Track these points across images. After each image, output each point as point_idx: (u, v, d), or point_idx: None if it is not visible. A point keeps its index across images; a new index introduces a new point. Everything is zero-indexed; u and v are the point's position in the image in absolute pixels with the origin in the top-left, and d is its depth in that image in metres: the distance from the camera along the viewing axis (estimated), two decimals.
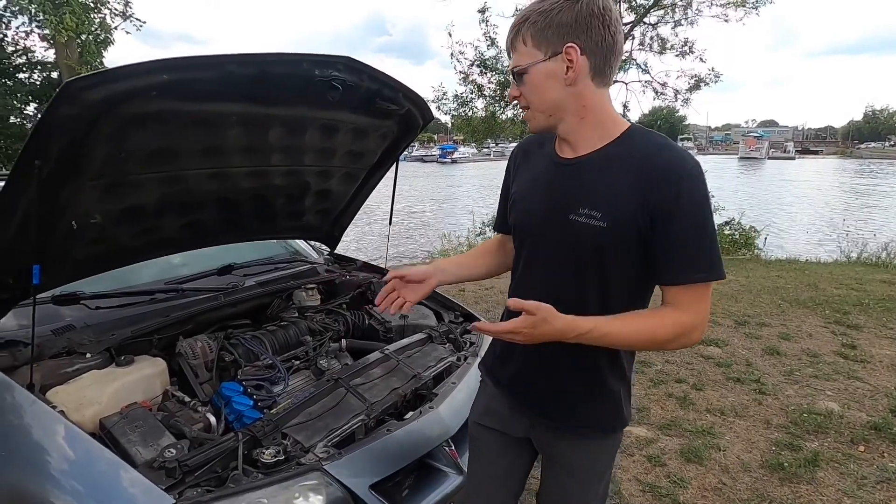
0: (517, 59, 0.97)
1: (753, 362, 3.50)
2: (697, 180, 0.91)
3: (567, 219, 0.98)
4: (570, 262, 1.00)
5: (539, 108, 0.98)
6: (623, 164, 0.95)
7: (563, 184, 1.01)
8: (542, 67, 0.94)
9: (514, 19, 0.98)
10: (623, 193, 0.93)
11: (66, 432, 1.17)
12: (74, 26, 8.45)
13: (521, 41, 0.96)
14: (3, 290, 1.39)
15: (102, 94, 1.09)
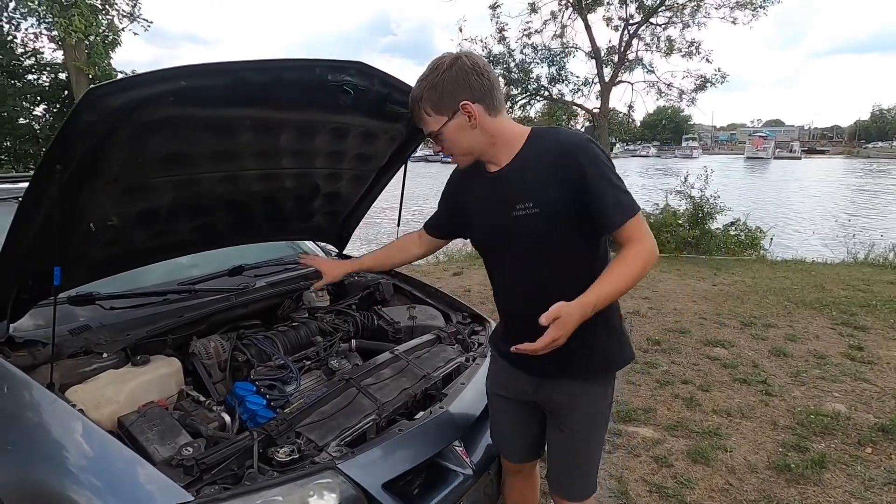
0: (429, 126, 1.22)
1: (760, 363, 3.50)
2: (590, 147, 1.16)
3: (511, 217, 1.21)
4: (528, 251, 1.23)
5: (461, 153, 1.25)
6: (534, 161, 1.20)
7: (499, 192, 1.25)
8: (450, 126, 1.20)
9: (410, 101, 1.24)
10: (542, 181, 1.17)
11: (86, 430, 1.19)
12: (83, 28, 8.52)
13: (425, 113, 1.21)
14: (24, 290, 1.42)
15: (122, 101, 1.12)
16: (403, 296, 2.41)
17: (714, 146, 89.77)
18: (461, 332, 2.03)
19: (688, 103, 10.79)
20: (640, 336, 4.05)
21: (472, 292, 5.39)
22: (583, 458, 1.37)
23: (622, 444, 2.54)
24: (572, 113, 11.97)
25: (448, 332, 1.99)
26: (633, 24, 10.46)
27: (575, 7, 10.46)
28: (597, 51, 10.63)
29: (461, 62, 1.16)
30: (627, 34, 10.52)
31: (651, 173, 35.31)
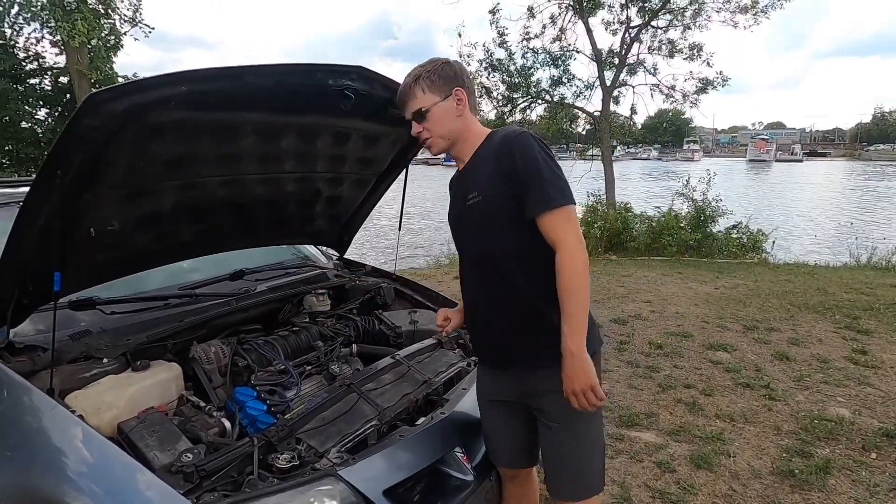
0: (419, 102, 1.32)
1: (763, 368, 3.49)
2: (525, 138, 1.25)
3: (466, 207, 1.33)
4: (475, 237, 1.34)
5: (440, 136, 1.34)
6: (484, 156, 1.32)
7: (461, 186, 1.38)
8: (441, 106, 1.31)
9: (405, 80, 1.35)
10: (486, 173, 1.29)
11: (85, 436, 1.19)
12: (86, 32, 8.54)
13: (420, 90, 1.32)
14: (24, 295, 1.42)
15: (123, 106, 1.12)
16: (405, 300, 2.40)
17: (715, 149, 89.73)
18: (462, 337, 2.02)
19: (690, 105, 10.81)
20: (642, 340, 4.04)
21: None
22: (574, 453, 1.34)
23: (624, 449, 2.52)
24: (573, 116, 11.99)
25: (449, 337, 1.98)
26: (633, 27, 10.49)
27: (575, 10, 10.48)
28: (598, 54, 10.65)
29: (456, 62, 1.36)
30: (629, 37, 10.55)
31: (652, 176, 35.30)
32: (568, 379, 1.20)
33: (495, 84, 10.95)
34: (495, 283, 1.32)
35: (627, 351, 3.82)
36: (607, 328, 4.32)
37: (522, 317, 1.30)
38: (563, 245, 1.21)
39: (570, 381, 1.20)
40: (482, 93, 10.93)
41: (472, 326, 1.47)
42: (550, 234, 1.22)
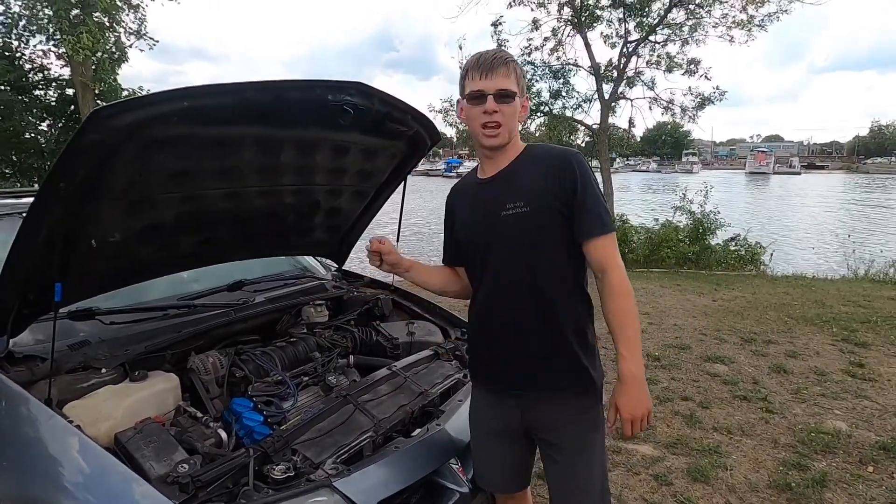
0: (510, 83, 1.22)
1: (760, 380, 3.49)
2: (582, 160, 1.25)
3: (500, 217, 1.25)
4: (512, 250, 1.26)
5: (508, 129, 1.26)
6: (531, 166, 1.27)
7: (490, 195, 1.30)
8: (519, 101, 1.26)
9: (496, 53, 1.25)
10: (537, 183, 1.23)
11: (82, 446, 1.19)
12: (91, 45, 8.65)
13: (513, 72, 1.23)
14: (24, 305, 1.43)
15: (127, 121, 1.14)
16: (402, 311, 2.42)
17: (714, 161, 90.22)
18: (459, 348, 2.03)
19: (689, 120, 10.90)
20: None
21: None
22: (585, 480, 1.30)
23: (621, 461, 2.52)
24: (572, 128, 12.08)
25: (446, 348, 1.99)
26: (631, 41, 10.62)
27: (574, 25, 10.62)
28: (596, 67, 10.77)
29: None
30: (627, 51, 10.68)
31: (652, 189, 35.44)
32: (629, 405, 1.18)
33: None
34: (527, 303, 1.25)
35: None
36: (605, 340, 4.31)
37: (551, 342, 1.25)
38: (614, 267, 1.21)
39: (633, 406, 1.18)
40: None
41: (483, 347, 1.38)
42: (601, 257, 1.22)
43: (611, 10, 10.55)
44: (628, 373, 1.18)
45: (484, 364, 1.39)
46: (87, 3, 8.92)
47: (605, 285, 1.22)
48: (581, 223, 1.21)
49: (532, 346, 1.27)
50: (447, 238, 1.50)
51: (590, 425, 1.32)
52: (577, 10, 10.38)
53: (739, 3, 9.60)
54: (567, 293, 1.26)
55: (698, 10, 9.95)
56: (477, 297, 1.37)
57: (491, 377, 1.38)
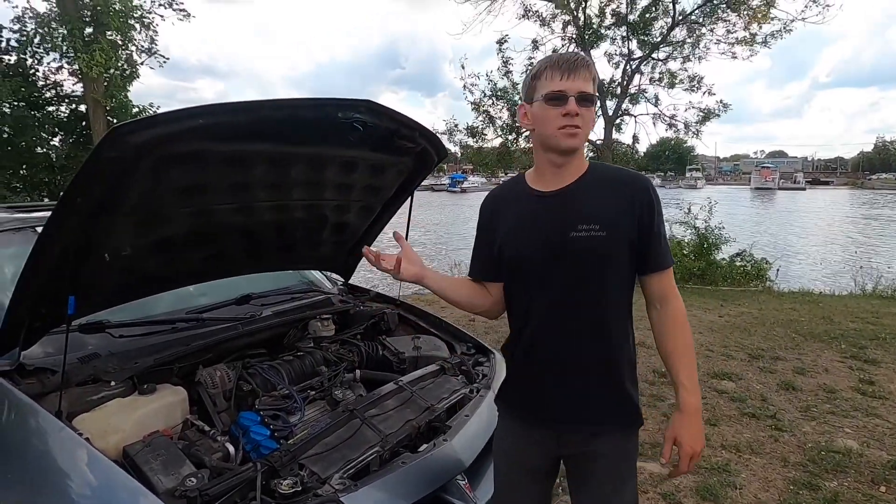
0: (591, 87, 1.15)
1: (769, 397, 3.45)
2: (654, 188, 1.19)
3: (568, 237, 1.15)
4: (579, 276, 1.16)
5: (585, 133, 1.17)
6: (602, 186, 1.19)
7: (556, 210, 1.19)
8: (595, 107, 1.18)
9: (579, 54, 1.19)
10: (612, 207, 1.16)
11: (91, 459, 1.20)
12: (103, 62, 8.84)
13: (594, 76, 1.16)
14: (36, 318, 1.45)
15: (144, 138, 1.17)
16: (408, 325, 2.42)
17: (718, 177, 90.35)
18: (465, 363, 2.03)
19: (693, 135, 10.95)
20: (646, 368, 4.01)
21: (477, 322, 5.38)
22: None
23: None
24: None
25: (452, 363, 1.99)
26: (635, 59, 10.75)
27: (577, 43, 10.76)
28: (599, 85, 10.88)
29: None
30: (630, 68, 10.80)
31: None
32: (692, 438, 1.14)
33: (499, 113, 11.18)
34: (587, 334, 1.18)
35: None
36: None
37: (608, 377, 1.20)
38: (676, 298, 1.19)
39: (694, 440, 1.14)
40: (486, 121, 11.16)
41: (526, 376, 1.27)
42: (664, 288, 1.20)
43: (614, 28, 10.70)
44: (691, 405, 1.14)
45: (524, 394, 1.27)
46: (100, 21, 9.14)
47: (665, 316, 1.19)
48: (651, 254, 1.17)
49: (587, 381, 1.20)
50: (482, 250, 1.33)
51: (629, 455, 1.27)
52: (581, 29, 10.53)
53: (741, 21, 9.70)
54: (623, 325, 1.21)
55: (700, 27, 10.07)
56: (525, 321, 1.24)
57: (530, 408, 1.26)
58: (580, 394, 1.20)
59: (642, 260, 1.18)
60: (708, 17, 9.98)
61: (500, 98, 10.88)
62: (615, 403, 1.22)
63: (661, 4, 10.21)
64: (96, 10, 8.99)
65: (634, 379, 1.25)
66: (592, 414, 1.21)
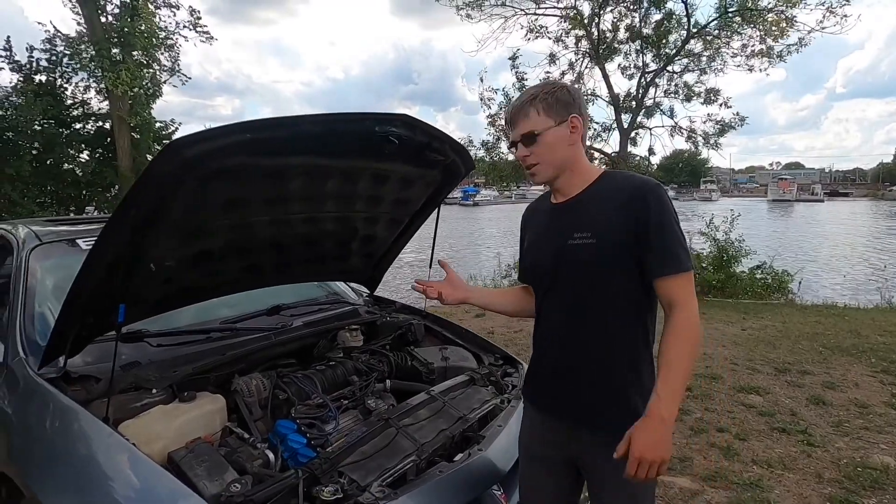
0: (531, 124, 1.21)
1: (798, 412, 3.38)
2: (661, 192, 1.17)
3: (566, 245, 1.22)
4: (576, 281, 1.22)
5: (549, 163, 1.24)
6: (604, 196, 1.22)
7: (561, 221, 1.27)
8: (554, 131, 1.21)
9: (520, 98, 1.25)
10: (607, 214, 1.18)
11: (141, 465, 1.23)
12: (129, 81, 9.12)
13: (535, 111, 1.21)
14: (84, 327, 1.50)
15: (196, 152, 1.22)
16: (434, 337, 2.43)
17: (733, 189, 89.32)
18: (494, 374, 2.03)
19: (712, 147, 10.90)
20: None
21: (496, 334, 5.37)
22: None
23: (659, 494, 2.44)
24: (589, 157, 12.16)
25: (481, 374, 2.00)
26: (649, 71, 10.77)
27: (592, 57, 10.84)
28: (615, 98, 10.90)
29: (574, 87, 1.28)
30: (644, 81, 10.82)
31: None
32: (644, 444, 1.05)
33: None
34: (584, 336, 1.23)
35: None
36: None
37: (604, 379, 1.21)
38: (682, 307, 1.13)
39: (646, 447, 1.04)
40: (500, 134, 11.25)
41: (539, 372, 1.35)
42: (673, 295, 1.14)
43: (629, 42, 10.76)
44: (656, 412, 1.06)
45: (538, 388, 1.36)
46: (127, 42, 9.45)
47: (668, 323, 1.15)
48: (651, 260, 1.15)
49: (585, 380, 1.23)
50: (521, 259, 1.47)
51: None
52: (595, 44, 10.60)
53: (758, 34, 9.69)
54: (629, 331, 1.21)
55: (716, 41, 10.07)
56: (539, 321, 1.35)
57: (542, 401, 1.35)
58: (580, 396, 1.24)
59: (643, 264, 1.16)
60: (724, 30, 9.99)
61: None
62: (615, 409, 1.20)
63: (675, 17, 10.26)
64: (123, 32, 9.31)
65: (643, 386, 1.19)
66: (591, 418, 1.23)
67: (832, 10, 8.94)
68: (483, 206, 51.76)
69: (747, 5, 9.29)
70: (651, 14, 10.43)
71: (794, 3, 9.08)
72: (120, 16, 9.51)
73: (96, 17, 9.43)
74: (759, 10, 9.31)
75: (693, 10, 9.94)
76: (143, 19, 9.48)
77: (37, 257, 2.04)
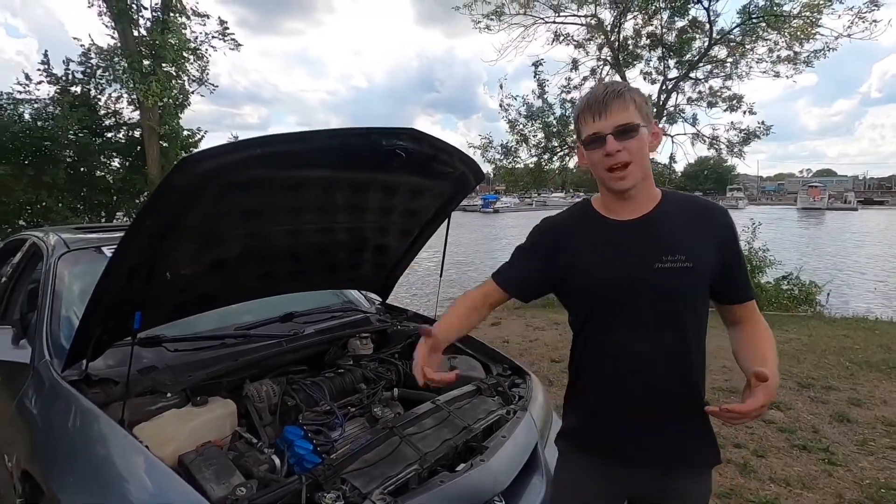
0: (629, 116, 1.06)
1: (821, 429, 3.27)
2: (733, 220, 1.17)
3: (653, 268, 1.09)
4: (664, 309, 1.11)
5: (640, 165, 1.09)
6: (682, 216, 1.13)
7: (637, 241, 1.12)
8: (645, 132, 1.08)
9: (612, 87, 1.10)
10: (696, 237, 1.11)
11: (152, 467, 1.28)
12: (159, 92, 9.47)
13: (632, 102, 1.07)
14: (105, 331, 1.57)
15: (210, 166, 1.28)
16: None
17: (761, 197, 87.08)
18: (501, 384, 2.04)
19: (735, 156, 10.69)
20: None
21: (511, 343, 5.35)
22: None
23: None
24: None
25: (489, 384, 2.00)
26: (671, 79, 10.65)
27: (613, 65, 10.78)
28: None
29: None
30: (666, 88, 10.70)
31: None
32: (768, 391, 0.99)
33: (533, 132, 11.24)
34: (672, 369, 1.13)
35: None
36: None
37: (693, 413, 1.14)
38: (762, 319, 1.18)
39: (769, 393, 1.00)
40: (520, 140, 11.24)
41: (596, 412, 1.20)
42: (749, 314, 1.18)
43: (650, 49, 10.66)
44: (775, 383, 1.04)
45: (593, 431, 1.21)
46: (158, 55, 9.81)
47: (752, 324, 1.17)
48: (738, 285, 1.16)
49: (668, 421, 1.15)
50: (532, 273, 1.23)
51: (702, 495, 1.22)
52: (616, 51, 10.54)
53: (784, 40, 9.49)
54: (703, 361, 1.19)
55: (740, 47, 9.90)
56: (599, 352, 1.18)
57: (602, 448, 1.20)
58: (659, 434, 1.15)
59: (732, 290, 1.16)
60: (748, 35, 9.81)
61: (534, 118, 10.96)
62: (695, 442, 1.18)
63: (698, 24, 10.12)
64: (154, 45, 9.68)
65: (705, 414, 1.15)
66: (669, 453, 1.15)
67: (861, 15, 8.69)
68: (503, 213, 51.62)
69: (772, 11, 9.11)
70: (674, 21, 10.32)
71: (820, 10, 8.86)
72: (151, 29, 9.89)
73: (129, 31, 9.82)
74: (785, 16, 9.13)
75: (716, 16, 9.77)
76: (174, 32, 9.82)
77: (65, 263, 2.14)
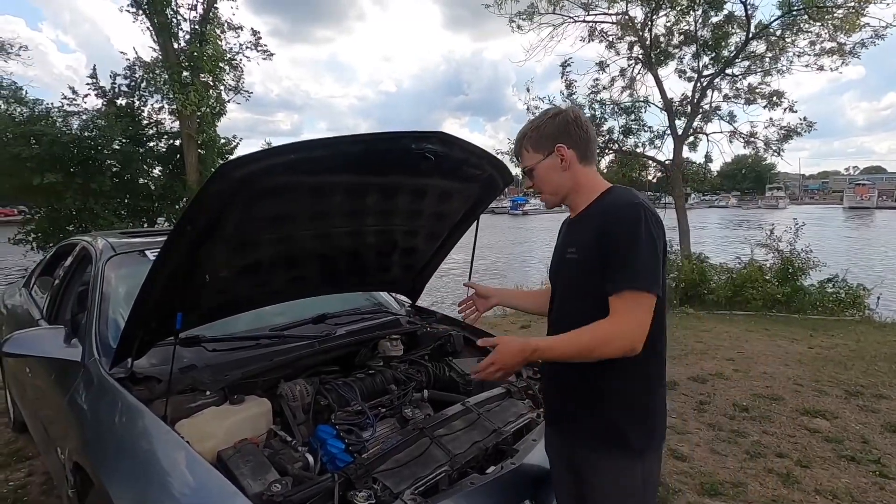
0: (525, 161, 1.36)
1: (871, 439, 3.11)
2: (635, 211, 1.17)
3: (564, 259, 1.34)
4: (566, 289, 1.34)
5: (549, 192, 1.36)
6: (592, 214, 1.28)
7: (564, 237, 1.39)
8: (544, 164, 1.32)
9: (517, 138, 1.39)
10: (587, 233, 1.25)
11: (193, 462, 1.33)
12: (197, 102, 9.84)
13: (525, 150, 1.36)
14: (148, 332, 1.64)
15: (244, 173, 1.32)
16: (474, 348, 2.45)
17: (803, 196, 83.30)
18: (531, 387, 2.02)
19: (774, 154, 10.30)
20: (725, 401, 3.76)
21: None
22: None
23: None
24: (643, 165, 11.81)
25: (518, 387, 1.99)
26: (706, 76, 10.35)
27: (644, 63, 10.56)
28: (668, 104, 10.55)
29: (565, 114, 1.32)
30: (701, 85, 10.40)
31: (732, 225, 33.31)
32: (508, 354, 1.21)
33: None
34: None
35: (708, 412, 3.56)
36: (684, 386, 4.07)
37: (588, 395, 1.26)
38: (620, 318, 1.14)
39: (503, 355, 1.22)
40: None
41: (545, 381, 1.48)
42: (616, 309, 1.15)
43: (682, 47, 10.40)
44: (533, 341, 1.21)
45: (544, 397, 1.49)
46: (196, 66, 10.20)
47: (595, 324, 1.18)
48: (608, 274, 1.16)
49: (572, 396, 1.30)
50: None
51: (617, 480, 1.24)
52: (648, 49, 10.33)
53: (827, 31, 9.10)
54: None
55: (780, 41, 9.54)
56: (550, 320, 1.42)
57: (546, 410, 1.46)
58: (569, 408, 1.31)
59: (604, 282, 1.18)
60: (788, 28, 9.45)
61: None
62: (597, 426, 1.26)
63: (735, 19, 9.82)
64: (193, 57, 10.08)
65: (630, 407, 1.24)
66: (577, 430, 1.29)
67: None
68: (532, 215, 51.21)
69: (815, 3, 8.74)
70: (709, 16, 10.03)
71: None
72: (190, 41, 10.29)
73: (170, 45, 10.25)
74: (829, 7, 8.75)
75: (753, 10, 9.44)
76: (211, 44, 10.20)
77: (112, 267, 2.25)
